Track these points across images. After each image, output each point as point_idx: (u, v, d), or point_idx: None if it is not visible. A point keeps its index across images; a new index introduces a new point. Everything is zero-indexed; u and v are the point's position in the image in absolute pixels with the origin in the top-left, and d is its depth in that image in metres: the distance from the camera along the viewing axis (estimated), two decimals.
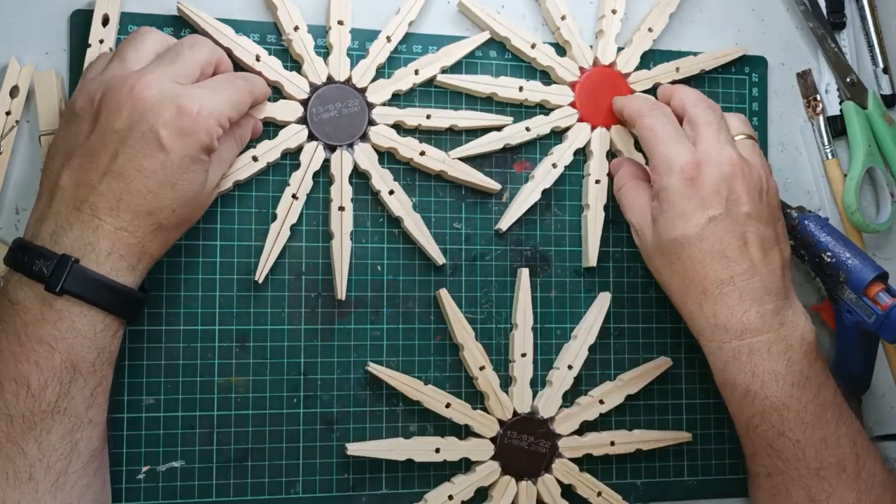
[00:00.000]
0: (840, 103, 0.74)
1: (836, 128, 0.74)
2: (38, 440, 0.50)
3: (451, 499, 0.63)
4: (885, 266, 0.68)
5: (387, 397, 0.64)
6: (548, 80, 0.68)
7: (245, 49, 0.61)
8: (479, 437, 0.64)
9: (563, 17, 0.68)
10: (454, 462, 0.64)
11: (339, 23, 0.63)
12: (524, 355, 0.66)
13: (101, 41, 0.59)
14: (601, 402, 0.66)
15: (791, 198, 0.73)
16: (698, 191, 0.59)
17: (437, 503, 0.63)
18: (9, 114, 0.59)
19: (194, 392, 0.61)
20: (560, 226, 0.68)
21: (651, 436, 0.68)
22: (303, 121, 0.62)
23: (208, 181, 0.55)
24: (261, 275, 0.61)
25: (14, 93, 0.59)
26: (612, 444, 0.66)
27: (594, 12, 0.70)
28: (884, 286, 0.65)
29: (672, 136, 0.61)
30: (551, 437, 0.65)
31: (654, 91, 0.69)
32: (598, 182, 0.68)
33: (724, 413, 0.69)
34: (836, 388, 0.62)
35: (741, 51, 0.72)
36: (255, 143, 0.61)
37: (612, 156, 0.69)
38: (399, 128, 0.64)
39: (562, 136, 0.68)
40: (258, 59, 0.61)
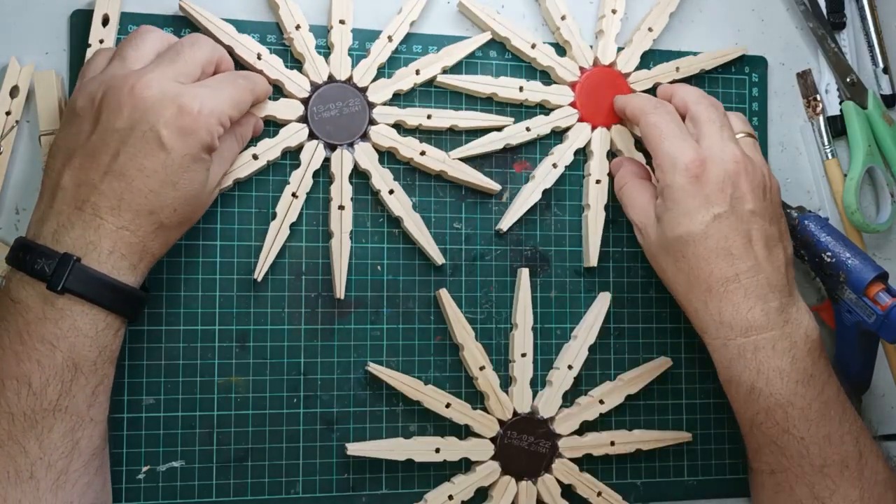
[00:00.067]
0: (840, 103, 0.74)
1: (836, 128, 0.74)
2: (40, 438, 0.50)
3: (451, 499, 0.63)
4: (885, 266, 0.68)
5: (387, 397, 0.64)
6: (548, 80, 0.68)
7: (246, 47, 0.61)
8: (479, 437, 0.64)
9: (564, 18, 0.68)
10: (454, 462, 0.64)
11: (341, 22, 0.63)
12: (524, 355, 0.65)
13: (101, 41, 0.59)
14: (601, 402, 0.66)
15: (791, 198, 0.73)
16: (703, 188, 0.59)
17: (437, 503, 0.63)
18: (9, 114, 0.59)
19: (194, 392, 0.61)
20: (560, 226, 0.68)
21: (651, 436, 0.68)
22: (303, 119, 0.62)
23: (209, 180, 0.55)
24: (260, 273, 0.61)
25: (14, 93, 0.59)
26: (612, 444, 0.66)
27: (594, 12, 0.70)
28: (884, 286, 0.65)
29: (676, 134, 0.61)
30: (551, 437, 0.65)
31: (654, 91, 0.69)
32: (598, 182, 0.68)
33: (725, 413, 0.69)
34: (840, 386, 0.62)
35: (741, 51, 0.72)
36: (256, 141, 0.61)
37: (613, 156, 0.69)
38: (400, 127, 0.64)
39: (562, 136, 0.68)
40: (259, 57, 0.61)
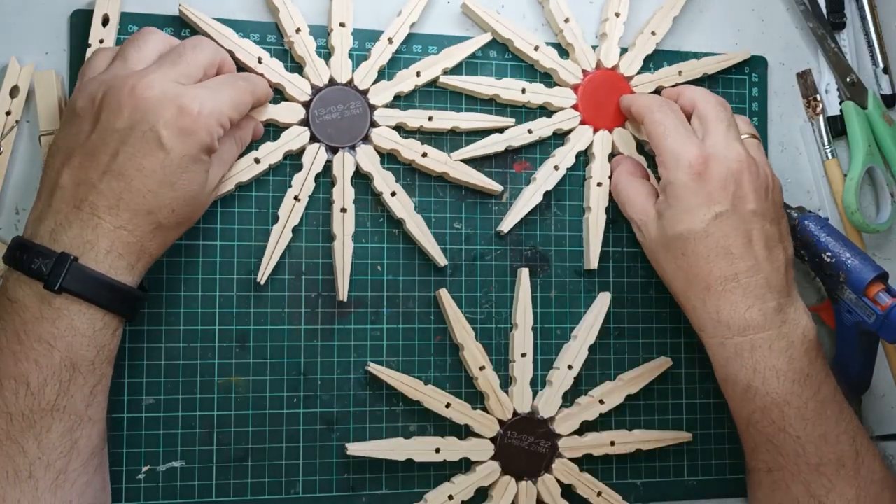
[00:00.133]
0: (840, 103, 0.74)
1: (836, 128, 0.74)
2: (38, 438, 0.50)
3: (451, 499, 0.63)
4: (885, 266, 0.68)
5: (387, 397, 0.64)
6: (550, 82, 0.68)
7: (247, 52, 0.61)
8: (479, 437, 0.64)
9: (567, 20, 0.68)
10: (454, 462, 0.64)
11: (341, 24, 0.63)
12: (524, 355, 0.65)
13: (101, 41, 0.59)
14: (601, 402, 0.66)
15: (791, 198, 0.73)
16: (705, 185, 0.59)
17: (437, 503, 0.63)
18: (9, 114, 0.59)
19: (194, 392, 0.61)
20: (560, 226, 0.68)
21: (651, 436, 0.68)
22: (305, 123, 0.62)
23: (208, 181, 0.55)
24: (263, 276, 0.61)
25: (14, 93, 0.59)
26: (612, 444, 0.66)
27: (597, 15, 0.70)
28: (884, 286, 0.65)
29: (680, 132, 0.62)
30: (551, 437, 0.65)
31: (658, 94, 0.69)
32: (599, 185, 0.68)
33: (724, 413, 0.69)
34: (836, 386, 0.62)
35: (745, 54, 0.72)
36: (257, 144, 0.61)
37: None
38: (401, 129, 0.64)
39: (564, 138, 0.68)
40: (260, 61, 0.61)
